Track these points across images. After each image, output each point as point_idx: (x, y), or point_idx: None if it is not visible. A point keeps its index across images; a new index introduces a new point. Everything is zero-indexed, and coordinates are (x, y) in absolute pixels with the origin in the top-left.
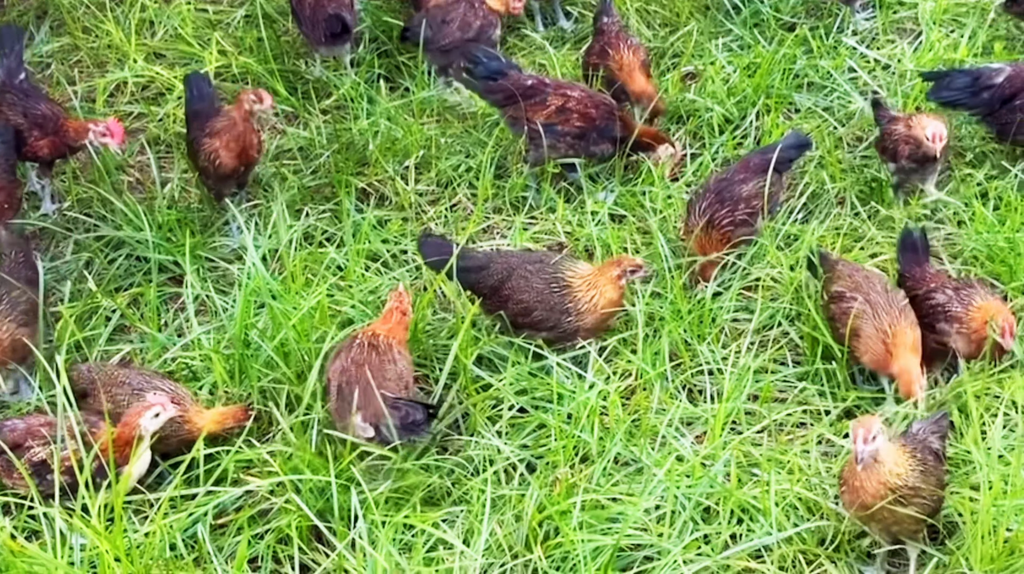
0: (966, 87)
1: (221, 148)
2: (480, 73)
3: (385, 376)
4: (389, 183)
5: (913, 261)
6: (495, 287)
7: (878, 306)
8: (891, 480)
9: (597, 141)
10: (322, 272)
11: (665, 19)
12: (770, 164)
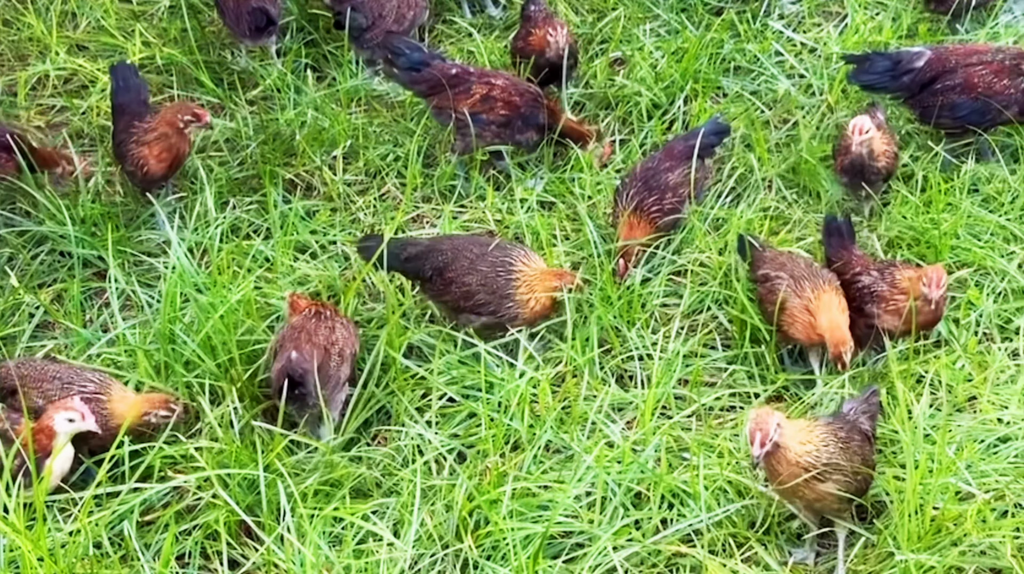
0: (887, 71)
1: (151, 158)
2: (403, 64)
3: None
4: (317, 173)
5: (839, 245)
6: (439, 269)
7: (802, 279)
8: (802, 460)
9: (522, 129)
10: (249, 264)
11: (593, 5)
12: (693, 151)
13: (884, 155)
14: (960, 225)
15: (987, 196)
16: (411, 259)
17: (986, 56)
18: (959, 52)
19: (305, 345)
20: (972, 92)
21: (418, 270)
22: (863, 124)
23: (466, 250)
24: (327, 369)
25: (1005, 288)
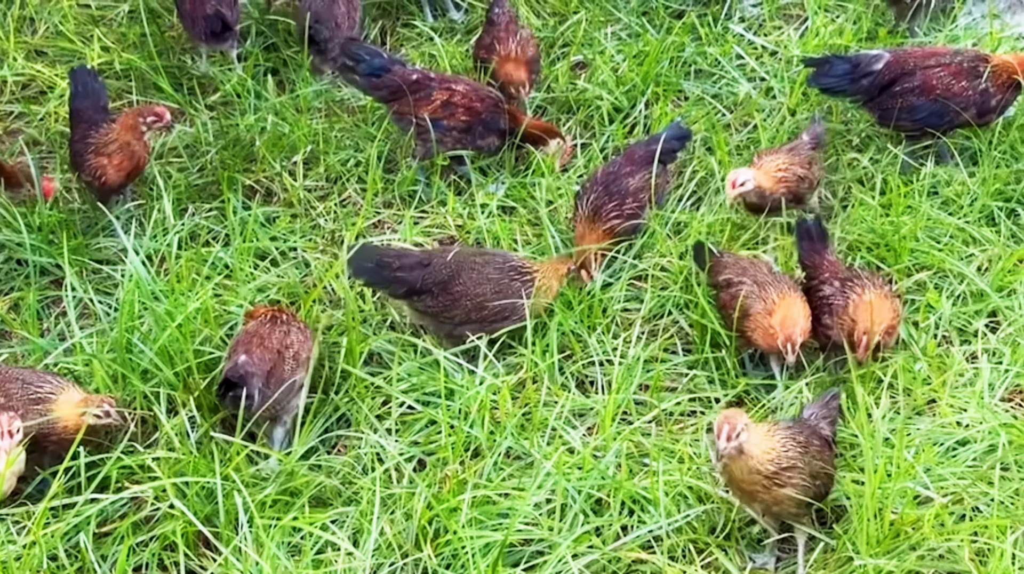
0: (846, 74)
1: (110, 167)
2: (364, 70)
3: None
4: (277, 179)
5: (811, 249)
6: (442, 284)
7: (766, 285)
8: (762, 467)
9: (483, 134)
10: (207, 272)
11: (555, 8)
12: (654, 156)
13: (783, 183)
14: (919, 228)
15: (946, 199)
16: (402, 270)
17: (944, 58)
18: (917, 55)
19: (256, 349)
20: (931, 94)
21: (412, 283)
22: (737, 178)
23: (469, 262)
24: (280, 372)
25: (964, 291)
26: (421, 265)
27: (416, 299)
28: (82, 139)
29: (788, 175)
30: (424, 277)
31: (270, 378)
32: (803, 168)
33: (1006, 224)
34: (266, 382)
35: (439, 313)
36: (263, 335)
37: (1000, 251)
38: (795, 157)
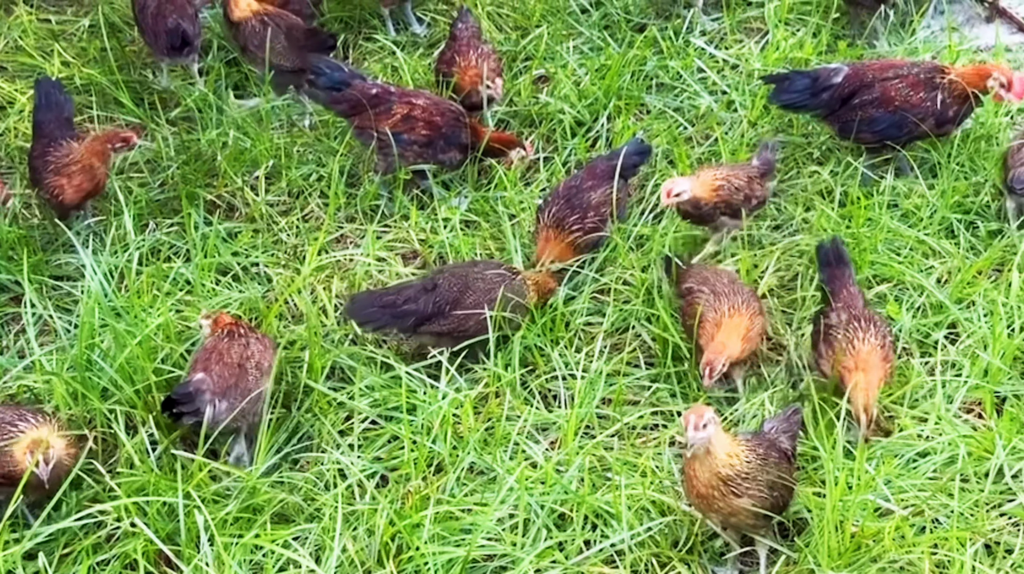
0: (806, 89)
1: (68, 187)
2: (323, 84)
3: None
4: (239, 194)
5: (832, 275)
6: (455, 301)
7: (722, 295)
8: (723, 470)
9: (445, 148)
10: (168, 288)
11: (517, 22)
12: (615, 170)
13: (718, 193)
14: (879, 240)
15: (906, 211)
16: (409, 302)
17: (902, 70)
18: (875, 67)
19: (215, 366)
20: (889, 106)
21: (422, 311)
22: (673, 187)
23: (469, 278)
24: (246, 383)
25: (924, 303)
26: (425, 290)
27: (429, 324)
28: (41, 156)
29: (724, 185)
30: (435, 300)
31: (235, 391)
32: (741, 181)
33: (965, 236)
34: (225, 396)
35: (453, 330)
36: (222, 350)
37: (959, 263)
38: (736, 171)
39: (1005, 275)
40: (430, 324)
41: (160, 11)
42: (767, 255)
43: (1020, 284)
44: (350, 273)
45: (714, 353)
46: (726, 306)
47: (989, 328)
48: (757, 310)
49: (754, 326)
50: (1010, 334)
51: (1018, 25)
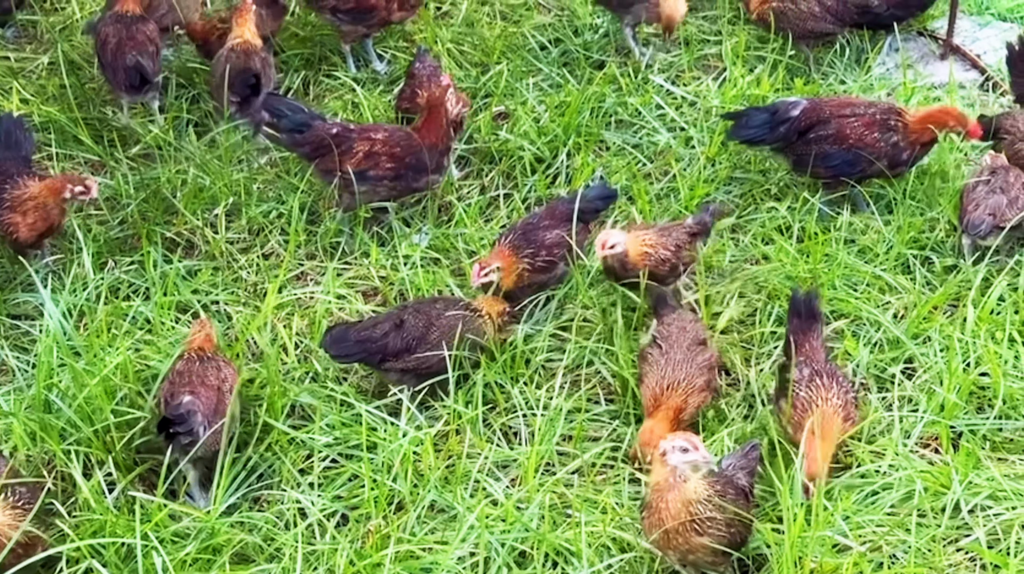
0: (764, 123)
1: (23, 226)
2: (285, 126)
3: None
4: (198, 232)
5: (799, 327)
6: (420, 338)
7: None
8: (692, 505)
9: (415, 177)
10: (127, 326)
11: (477, 59)
12: (575, 213)
13: (644, 259)
14: (837, 276)
15: (863, 247)
16: (385, 336)
17: (859, 109)
18: (833, 104)
19: (200, 388)
20: (844, 143)
21: (395, 345)
22: (608, 239)
23: (432, 312)
24: (223, 406)
25: (881, 338)
26: (395, 327)
27: (397, 360)
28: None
29: (651, 254)
30: (403, 336)
31: (217, 416)
32: (668, 250)
33: (921, 272)
34: (211, 419)
35: (418, 367)
36: (200, 374)
37: (915, 299)
38: (665, 238)
39: (960, 310)
40: (399, 360)
41: (120, 48)
42: (726, 288)
43: (975, 319)
44: (310, 311)
45: (642, 436)
46: (666, 382)
47: (945, 363)
48: (700, 386)
49: (688, 405)
50: (965, 369)
51: (971, 62)
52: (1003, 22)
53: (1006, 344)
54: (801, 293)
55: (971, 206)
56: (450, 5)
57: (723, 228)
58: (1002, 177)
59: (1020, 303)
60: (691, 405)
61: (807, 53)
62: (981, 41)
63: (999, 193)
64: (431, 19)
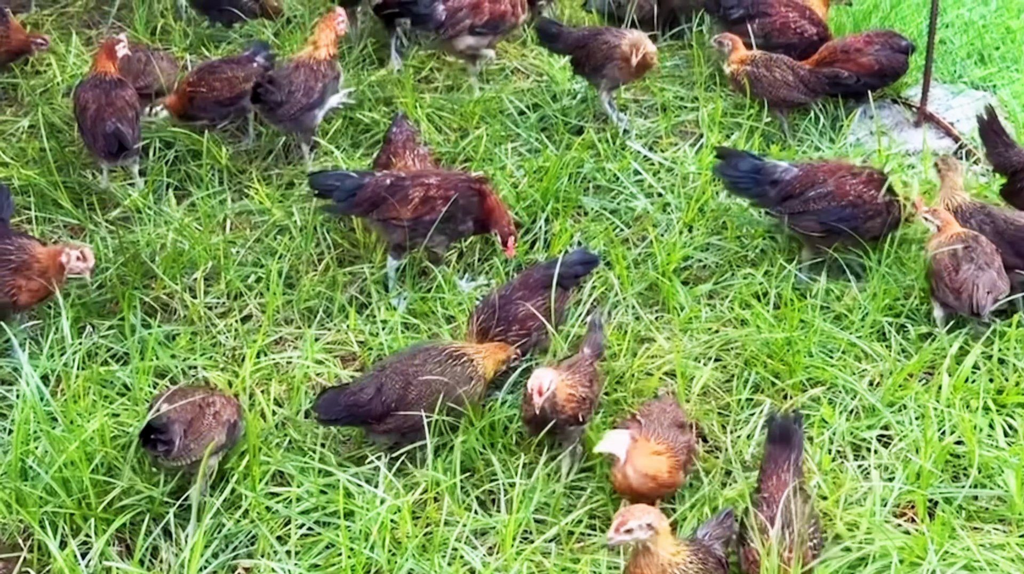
0: (749, 172)
1: (24, 290)
2: (340, 197)
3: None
4: (177, 296)
5: (771, 456)
6: (399, 399)
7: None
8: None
9: (463, 219)
10: (106, 392)
11: (456, 123)
12: (552, 280)
13: (570, 402)
14: (813, 342)
15: (838, 313)
16: (374, 398)
17: (853, 170)
18: (826, 169)
19: (178, 399)
20: (843, 199)
21: (376, 410)
22: (541, 383)
23: (411, 365)
24: (199, 425)
25: (856, 406)
26: (377, 392)
27: (380, 422)
28: None
29: (575, 394)
30: (383, 401)
31: (191, 428)
32: (585, 387)
33: (896, 339)
34: (186, 432)
35: (399, 427)
36: (186, 392)
37: (891, 366)
38: (578, 375)
39: (936, 378)
40: (379, 424)
41: (99, 114)
42: (703, 354)
43: (950, 388)
44: (288, 376)
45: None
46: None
47: (921, 431)
48: (671, 468)
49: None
50: (941, 437)
51: (945, 130)
52: (976, 90)
53: (980, 413)
54: (779, 417)
55: (968, 288)
56: (430, 71)
57: (699, 294)
58: (978, 250)
59: (994, 372)
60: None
61: (782, 119)
62: (955, 109)
63: (987, 269)
64: (412, 84)
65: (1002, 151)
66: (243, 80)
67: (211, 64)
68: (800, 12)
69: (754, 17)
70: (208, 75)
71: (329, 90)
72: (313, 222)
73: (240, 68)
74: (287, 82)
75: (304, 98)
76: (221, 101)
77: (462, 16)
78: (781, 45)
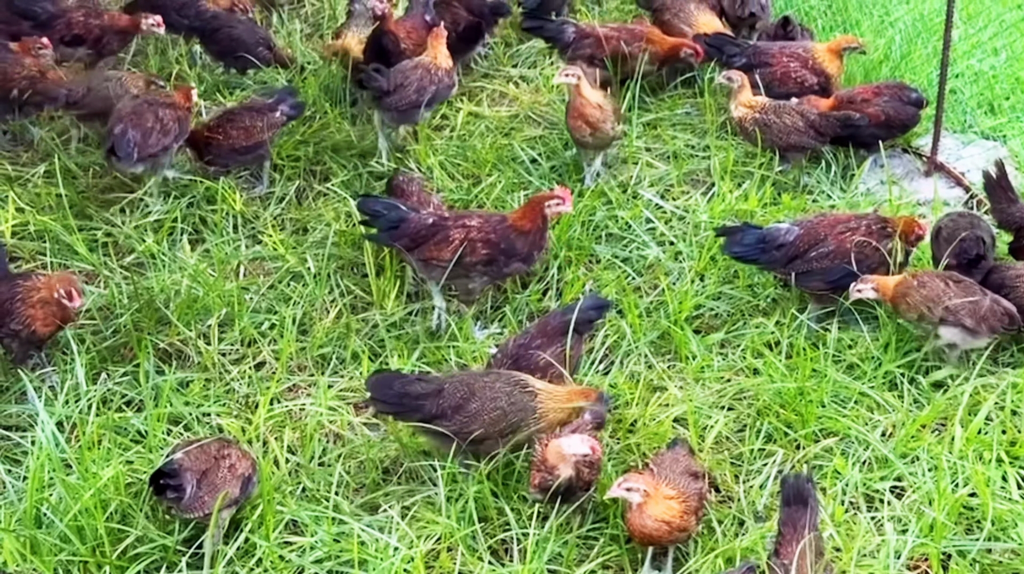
0: (756, 243)
1: (38, 321)
2: (383, 225)
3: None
4: (191, 342)
5: (788, 517)
6: (457, 406)
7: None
8: None
9: (507, 262)
10: (119, 439)
11: (468, 171)
12: (569, 326)
13: (582, 466)
14: (825, 392)
15: (851, 363)
16: (423, 397)
17: (851, 223)
18: (825, 224)
19: (194, 449)
20: (845, 258)
21: (426, 405)
22: (574, 449)
23: (479, 382)
24: (213, 477)
25: (869, 457)
26: (436, 392)
27: (435, 422)
28: (9, 292)
29: (582, 461)
30: (440, 403)
31: (205, 479)
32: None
33: (908, 390)
34: (199, 482)
35: (458, 431)
36: (202, 443)
37: (903, 417)
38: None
39: (949, 429)
40: (436, 423)
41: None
42: (715, 403)
43: (963, 439)
44: (301, 423)
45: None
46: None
47: (934, 483)
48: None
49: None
50: (954, 489)
51: (956, 180)
52: (987, 140)
53: (994, 465)
54: (791, 477)
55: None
56: (441, 119)
57: (711, 343)
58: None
59: (1007, 423)
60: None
61: (786, 167)
62: (965, 159)
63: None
64: (425, 133)
65: (1005, 207)
66: (261, 129)
67: (231, 110)
68: (802, 62)
69: (755, 67)
70: (226, 122)
71: (440, 96)
72: (327, 269)
73: (260, 116)
74: (402, 76)
75: (415, 95)
76: (237, 149)
77: (588, 44)
78: (782, 95)
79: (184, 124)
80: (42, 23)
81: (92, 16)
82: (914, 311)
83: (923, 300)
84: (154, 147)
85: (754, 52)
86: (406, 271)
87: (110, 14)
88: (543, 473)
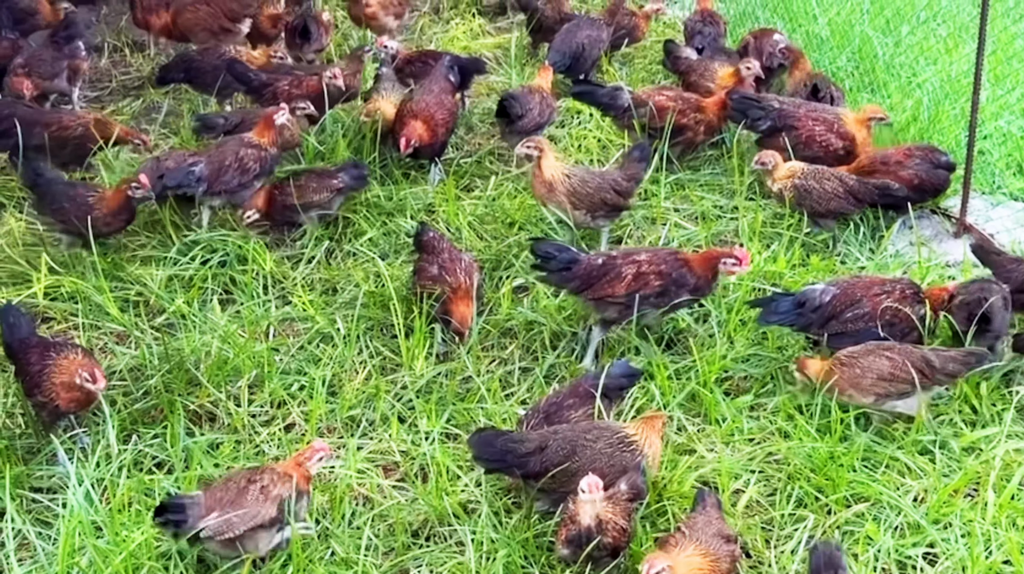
0: (789, 310)
1: (62, 399)
2: (555, 267)
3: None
4: (221, 404)
5: None
6: (559, 463)
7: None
8: None
9: (677, 293)
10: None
11: (495, 231)
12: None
13: (613, 528)
14: (856, 457)
15: (881, 427)
16: (534, 454)
17: (886, 286)
18: (860, 285)
19: (218, 484)
20: (879, 320)
21: (529, 462)
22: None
23: (584, 438)
24: (243, 502)
25: (901, 522)
26: (539, 449)
27: (536, 480)
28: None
29: (618, 523)
30: (543, 460)
31: (234, 506)
32: (624, 520)
33: (940, 455)
34: (217, 509)
35: (557, 488)
36: (231, 475)
37: (935, 482)
38: (618, 507)
39: (981, 495)
40: (537, 480)
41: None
42: (745, 466)
43: (996, 505)
44: (331, 486)
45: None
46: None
47: (967, 550)
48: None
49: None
50: (988, 556)
51: (984, 241)
52: (1015, 201)
53: None
54: (820, 545)
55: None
56: (470, 178)
57: (741, 405)
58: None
59: None
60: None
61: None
62: (994, 221)
63: None
64: (454, 194)
65: (1013, 268)
66: (315, 191)
67: (297, 173)
68: (827, 126)
69: (780, 130)
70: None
71: (552, 119)
72: (356, 330)
73: (322, 182)
74: (527, 100)
75: (539, 117)
76: (289, 207)
77: (643, 112)
78: (807, 158)
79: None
80: None
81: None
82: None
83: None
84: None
85: (779, 115)
86: (435, 332)
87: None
88: (568, 526)
